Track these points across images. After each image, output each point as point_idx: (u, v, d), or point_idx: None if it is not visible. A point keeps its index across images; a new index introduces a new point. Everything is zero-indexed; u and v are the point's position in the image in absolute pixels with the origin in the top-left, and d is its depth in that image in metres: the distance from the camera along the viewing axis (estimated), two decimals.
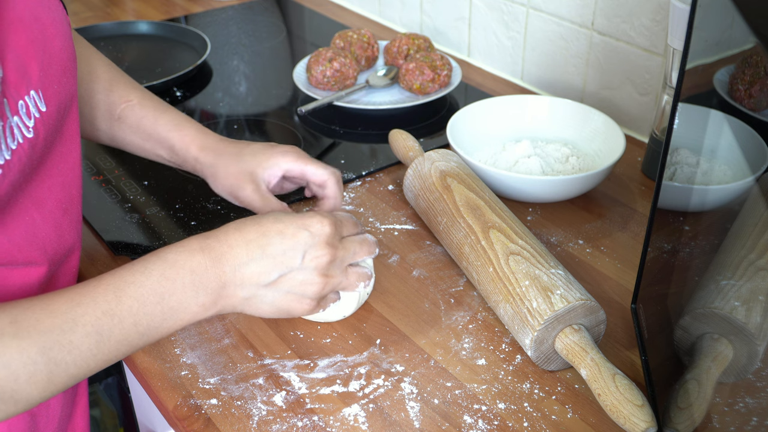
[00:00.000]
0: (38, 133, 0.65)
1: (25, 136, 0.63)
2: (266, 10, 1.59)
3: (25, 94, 0.63)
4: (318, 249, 0.70)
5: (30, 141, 0.64)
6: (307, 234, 0.69)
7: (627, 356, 0.77)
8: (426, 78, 1.18)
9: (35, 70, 0.64)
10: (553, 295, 0.73)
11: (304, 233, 0.69)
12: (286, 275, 0.69)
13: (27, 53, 0.63)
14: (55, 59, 0.67)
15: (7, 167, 0.61)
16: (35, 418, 0.73)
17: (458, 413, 0.71)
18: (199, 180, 1.03)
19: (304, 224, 0.70)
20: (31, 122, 0.64)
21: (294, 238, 0.69)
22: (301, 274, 0.69)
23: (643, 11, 1.07)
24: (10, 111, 0.61)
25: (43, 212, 0.69)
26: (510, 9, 1.25)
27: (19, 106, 0.62)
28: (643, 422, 0.65)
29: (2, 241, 0.64)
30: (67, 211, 0.72)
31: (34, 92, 0.64)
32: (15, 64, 0.62)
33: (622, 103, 1.14)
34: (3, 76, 0.60)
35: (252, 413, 0.71)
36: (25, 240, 0.64)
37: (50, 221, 0.70)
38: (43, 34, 0.65)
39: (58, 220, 0.71)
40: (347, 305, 0.78)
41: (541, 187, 0.94)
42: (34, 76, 0.64)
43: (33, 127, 0.64)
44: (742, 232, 0.56)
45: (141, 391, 0.88)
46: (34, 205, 0.68)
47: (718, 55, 0.63)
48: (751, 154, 0.55)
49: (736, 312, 0.56)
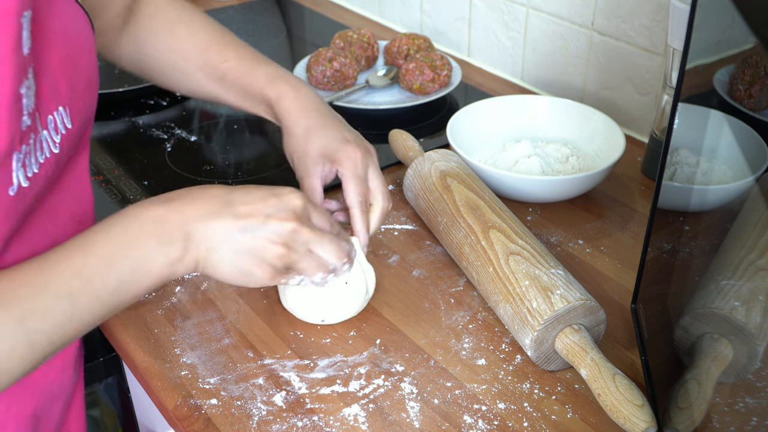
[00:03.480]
0: (63, 149, 0.67)
1: (52, 151, 0.65)
2: (266, 10, 1.59)
3: (54, 110, 0.64)
4: (283, 216, 0.68)
5: (56, 156, 0.66)
6: (276, 200, 0.68)
7: (627, 356, 0.77)
8: (426, 78, 1.18)
9: (64, 87, 0.65)
10: (553, 295, 0.73)
11: (272, 199, 0.68)
12: (246, 234, 0.67)
13: (58, 70, 0.64)
14: (82, 76, 0.68)
15: (34, 180, 0.63)
16: (39, 421, 0.73)
17: (458, 413, 0.71)
18: (199, 180, 1.03)
19: (275, 191, 0.69)
20: (58, 138, 0.65)
21: (261, 200, 0.68)
22: (261, 237, 0.67)
23: (643, 11, 1.07)
24: (41, 125, 0.63)
25: (57, 223, 0.70)
26: (510, 9, 1.25)
27: (48, 120, 0.64)
28: (643, 422, 0.65)
29: (23, 250, 0.65)
30: (81, 223, 0.74)
31: (62, 108, 0.65)
32: (48, 80, 0.63)
33: (622, 103, 1.14)
34: (37, 90, 0.61)
35: (252, 413, 0.71)
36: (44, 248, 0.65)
37: (65, 231, 0.71)
38: (73, 50, 0.67)
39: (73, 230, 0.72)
40: (335, 311, 0.79)
41: (541, 187, 0.94)
42: (63, 92, 0.65)
43: (59, 143, 0.66)
44: (742, 232, 0.56)
45: (141, 391, 0.88)
46: (49, 217, 0.69)
47: (718, 55, 0.63)
48: (751, 154, 0.55)
49: (736, 312, 0.56)
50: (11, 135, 0.58)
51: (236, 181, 0.84)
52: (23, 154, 0.60)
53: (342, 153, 0.81)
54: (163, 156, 1.09)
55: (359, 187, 0.81)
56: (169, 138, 1.13)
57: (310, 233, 0.70)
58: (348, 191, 0.81)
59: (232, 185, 0.71)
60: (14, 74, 0.57)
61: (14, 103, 0.57)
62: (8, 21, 0.56)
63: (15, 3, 0.56)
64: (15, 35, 0.56)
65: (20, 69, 0.57)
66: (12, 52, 0.56)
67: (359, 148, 0.82)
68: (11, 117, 0.57)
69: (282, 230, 0.68)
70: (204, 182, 1.03)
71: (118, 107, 1.21)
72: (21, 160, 0.60)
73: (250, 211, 0.67)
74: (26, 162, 0.61)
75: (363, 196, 0.81)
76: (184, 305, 0.83)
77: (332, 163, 0.81)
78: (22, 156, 0.60)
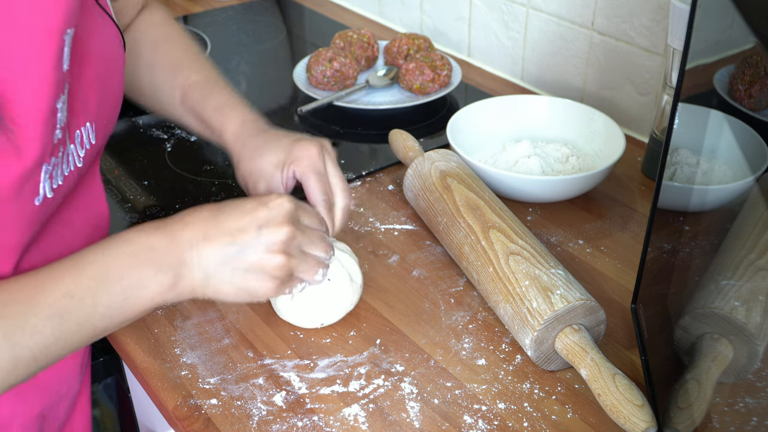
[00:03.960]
0: (85, 164, 0.68)
1: (77, 165, 0.66)
2: (266, 10, 1.59)
3: (82, 125, 0.65)
4: (276, 224, 0.68)
5: (79, 170, 0.67)
6: (265, 209, 0.68)
7: (627, 356, 0.77)
8: (426, 78, 1.18)
9: (93, 104, 0.66)
10: (553, 295, 0.73)
11: (261, 209, 0.68)
12: (243, 252, 0.67)
13: (90, 86, 0.65)
14: (110, 95, 0.69)
15: (58, 191, 0.64)
16: (45, 420, 0.73)
17: (458, 413, 0.71)
18: (199, 180, 1.03)
19: (262, 200, 0.69)
20: (83, 152, 0.66)
21: (251, 213, 0.67)
22: (259, 250, 0.67)
23: (643, 11, 1.07)
24: (69, 139, 0.64)
25: (73, 229, 0.71)
26: (510, 9, 1.25)
27: (76, 135, 0.65)
28: (643, 422, 0.65)
29: (37, 256, 0.66)
30: (95, 228, 0.75)
31: (89, 124, 0.66)
32: (80, 96, 0.64)
33: (622, 103, 1.14)
34: (69, 105, 0.62)
35: (252, 413, 0.71)
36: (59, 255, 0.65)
37: (81, 238, 0.72)
38: (107, 70, 0.68)
39: (90, 236, 0.73)
40: (330, 311, 0.79)
41: (541, 187, 0.94)
42: (92, 108, 0.66)
43: (83, 158, 0.67)
44: (742, 232, 0.56)
45: (141, 391, 0.88)
46: (64, 225, 0.70)
47: (718, 55, 0.63)
48: (751, 154, 0.55)
49: (736, 312, 0.56)
50: (43, 147, 0.59)
51: (236, 180, 0.84)
52: (52, 166, 0.61)
53: (296, 152, 0.78)
54: (163, 156, 1.09)
55: (321, 184, 0.78)
56: (169, 138, 1.13)
57: (303, 236, 0.70)
58: (310, 189, 0.77)
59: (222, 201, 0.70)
60: (53, 89, 0.58)
61: (50, 116, 0.59)
62: (52, 38, 0.57)
63: (60, 22, 0.57)
64: (57, 52, 0.58)
65: (59, 85, 0.59)
66: (53, 68, 0.58)
67: (313, 144, 0.79)
68: (45, 130, 0.59)
69: (278, 238, 0.67)
70: (204, 182, 1.03)
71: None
72: (49, 172, 0.61)
73: (242, 226, 0.67)
74: (54, 174, 0.62)
75: (326, 193, 0.78)
76: (184, 305, 0.83)
77: (289, 165, 0.78)
78: (51, 168, 0.61)
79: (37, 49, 0.56)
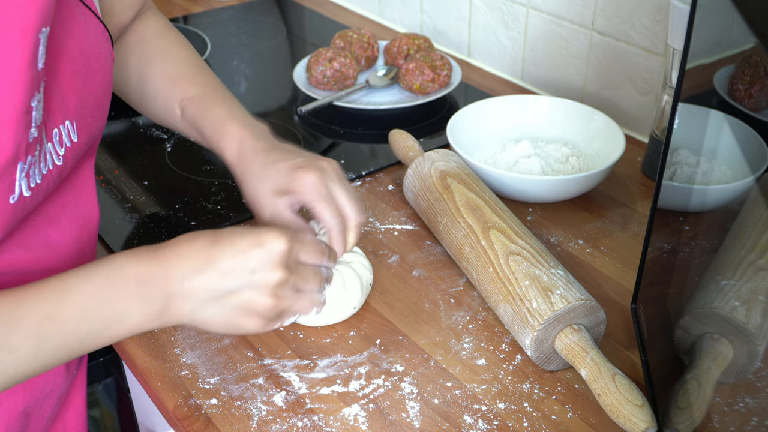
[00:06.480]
0: (66, 162, 0.67)
1: (55, 164, 0.65)
2: (266, 10, 1.59)
3: (60, 123, 0.65)
4: (269, 268, 0.66)
5: (59, 168, 0.66)
6: (260, 251, 0.65)
7: (627, 356, 0.77)
8: (426, 78, 1.18)
9: (73, 102, 0.66)
10: (553, 295, 0.73)
11: (256, 250, 0.65)
12: (234, 291, 0.65)
13: (68, 84, 0.65)
14: (93, 93, 0.68)
15: (36, 190, 0.63)
16: (29, 418, 0.73)
17: (458, 413, 0.71)
18: (199, 180, 1.03)
19: (259, 240, 0.66)
20: (62, 151, 0.65)
21: (245, 254, 0.65)
22: (249, 292, 0.65)
23: (643, 11, 1.07)
24: (46, 137, 0.63)
25: (59, 228, 0.70)
26: (510, 9, 1.25)
27: (54, 133, 0.64)
28: (643, 422, 0.65)
29: (18, 252, 0.65)
30: (85, 227, 0.74)
31: (69, 122, 0.66)
32: (57, 94, 0.63)
33: (622, 103, 1.14)
34: (45, 104, 0.62)
35: (252, 413, 0.71)
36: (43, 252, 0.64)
37: (68, 236, 0.71)
38: (86, 67, 0.67)
39: (77, 235, 0.72)
40: (335, 313, 0.79)
41: (541, 187, 0.94)
42: (71, 106, 0.65)
43: (63, 156, 0.66)
44: (742, 232, 0.56)
45: (141, 391, 0.88)
46: (49, 223, 0.69)
47: (718, 55, 0.63)
48: (751, 154, 0.55)
49: (736, 312, 0.56)
50: (17, 145, 0.58)
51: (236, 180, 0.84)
52: (28, 164, 0.61)
53: (295, 183, 0.76)
54: (163, 156, 1.09)
55: (329, 210, 0.75)
56: (169, 138, 1.13)
57: (297, 277, 0.68)
58: (319, 217, 0.76)
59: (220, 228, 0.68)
60: (27, 88, 0.58)
61: (24, 115, 0.58)
62: (26, 37, 0.56)
63: (35, 20, 0.56)
64: (31, 50, 0.57)
65: (33, 83, 0.58)
66: (27, 66, 0.57)
67: (311, 171, 0.75)
68: (18, 129, 0.58)
69: (270, 282, 0.66)
70: (204, 182, 1.03)
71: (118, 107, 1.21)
72: (25, 170, 0.61)
73: (233, 267, 0.65)
74: (30, 172, 0.61)
75: (336, 216, 0.76)
76: None
77: (292, 194, 0.77)
78: (27, 166, 0.61)
79: (11, 47, 0.56)
